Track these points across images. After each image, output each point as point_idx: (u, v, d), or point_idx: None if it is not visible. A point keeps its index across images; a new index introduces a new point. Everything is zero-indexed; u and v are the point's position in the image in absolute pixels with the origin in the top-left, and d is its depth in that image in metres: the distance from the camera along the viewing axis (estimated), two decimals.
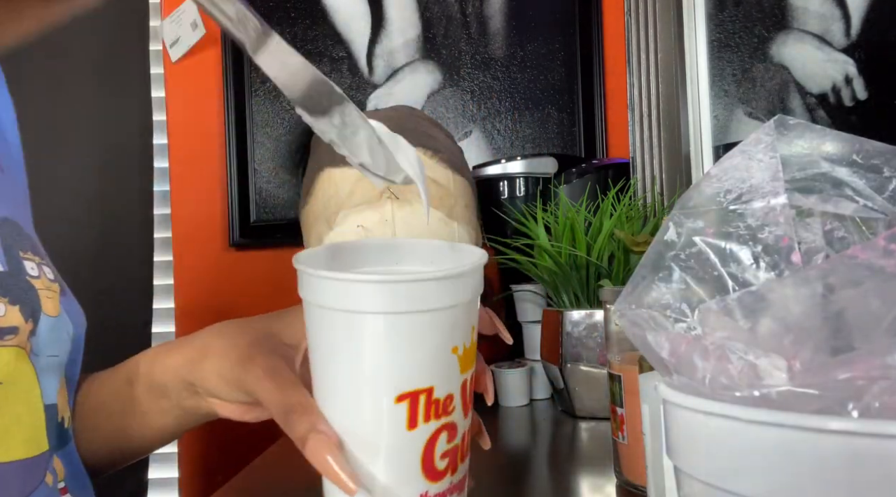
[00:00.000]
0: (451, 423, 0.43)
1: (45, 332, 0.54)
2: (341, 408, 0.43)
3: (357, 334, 0.41)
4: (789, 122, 0.35)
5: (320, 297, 0.42)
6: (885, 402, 0.25)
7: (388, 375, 0.41)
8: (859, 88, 1.28)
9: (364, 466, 0.42)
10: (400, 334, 0.41)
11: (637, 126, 1.34)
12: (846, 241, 0.33)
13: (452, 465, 0.44)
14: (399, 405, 0.41)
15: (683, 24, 1.35)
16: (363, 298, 0.40)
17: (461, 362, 0.43)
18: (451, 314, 0.42)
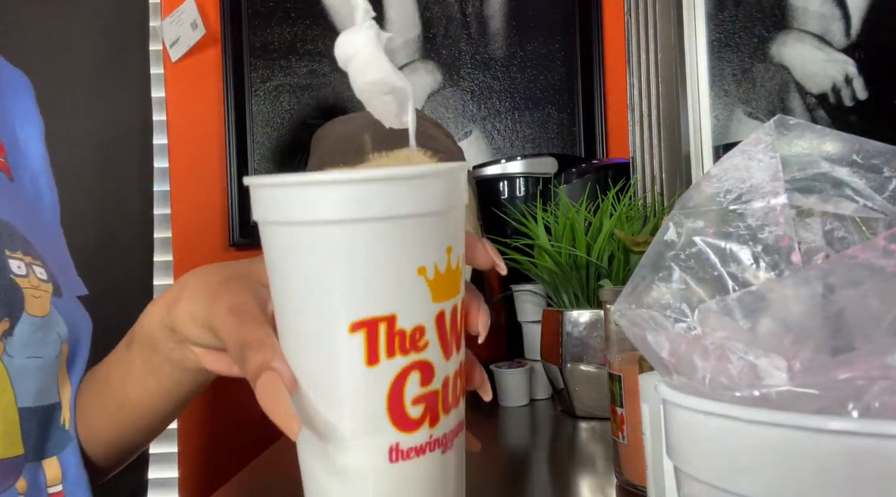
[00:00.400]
0: (424, 361, 0.37)
1: (26, 333, 0.53)
2: (294, 342, 0.37)
3: (303, 250, 0.35)
4: (789, 122, 0.35)
5: (266, 210, 0.36)
6: (885, 402, 0.25)
7: (340, 299, 0.35)
8: (859, 88, 1.28)
9: (322, 411, 0.37)
10: (351, 249, 0.35)
11: (637, 126, 1.34)
12: (846, 241, 0.33)
13: (432, 415, 0.37)
14: (354, 335, 0.35)
15: (683, 24, 1.35)
16: (304, 205, 0.35)
17: (432, 288, 0.36)
18: (416, 225, 0.35)
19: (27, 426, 0.54)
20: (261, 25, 1.62)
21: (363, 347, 0.35)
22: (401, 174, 0.35)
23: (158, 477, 1.54)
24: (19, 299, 0.53)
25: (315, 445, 0.38)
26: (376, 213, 0.34)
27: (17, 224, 0.58)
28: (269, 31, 1.62)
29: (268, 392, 0.36)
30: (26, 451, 0.54)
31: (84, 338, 0.62)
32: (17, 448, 0.53)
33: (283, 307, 0.38)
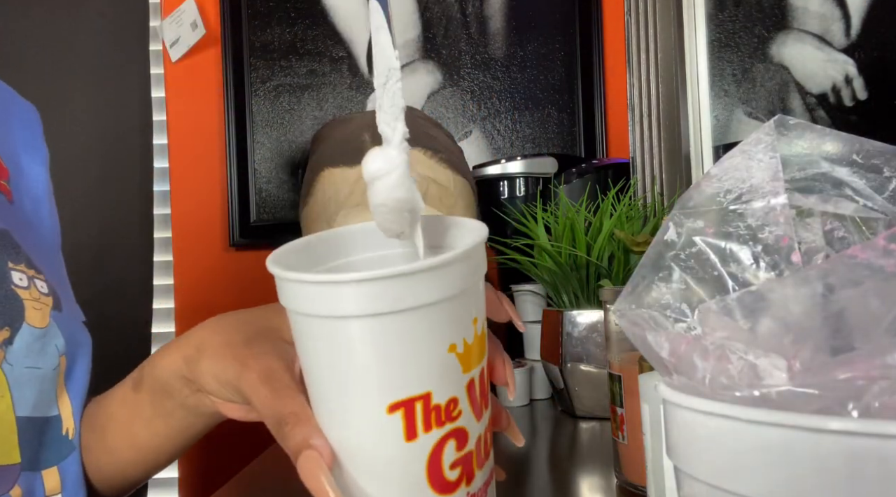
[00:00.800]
0: (459, 428, 0.38)
1: (25, 343, 0.54)
2: (332, 419, 0.39)
3: (338, 341, 0.37)
4: (789, 122, 0.35)
5: (293, 302, 0.38)
6: (885, 402, 0.25)
7: (377, 384, 0.37)
8: (859, 88, 1.28)
9: (362, 485, 0.38)
10: (384, 337, 0.36)
11: (637, 126, 1.34)
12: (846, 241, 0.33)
13: (468, 474, 0.39)
14: (393, 416, 0.37)
15: (683, 24, 1.35)
16: (333, 303, 0.36)
17: (462, 361, 0.38)
18: (444, 309, 0.37)
19: (25, 435, 0.54)
20: (261, 25, 1.62)
21: (401, 426, 0.37)
22: (425, 266, 0.36)
23: (158, 477, 1.54)
24: (20, 310, 0.54)
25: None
26: (405, 305, 0.36)
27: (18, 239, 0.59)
28: (269, 31, 1.62)
29: (309, 470, 0.38)
30: (23, 460, 0.54)
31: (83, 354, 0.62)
32: (13, 456, 0.53)
33: (318, 386, 0.39)
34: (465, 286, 0.38)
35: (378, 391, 0.37)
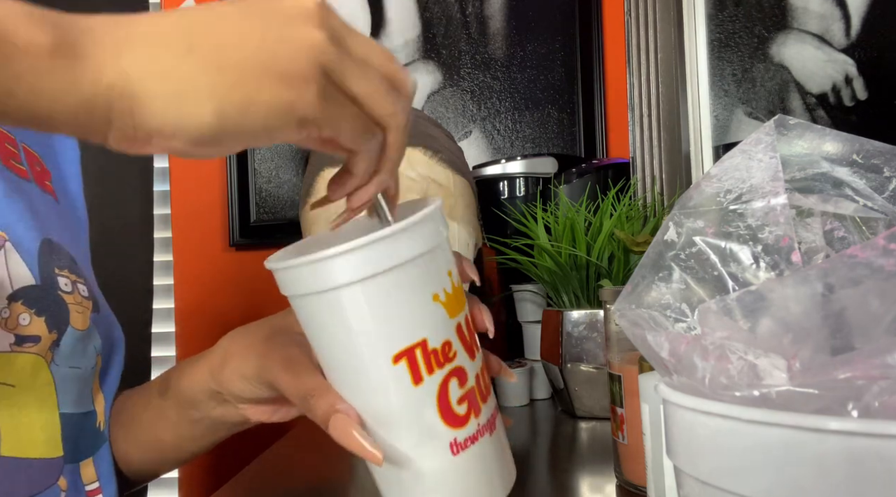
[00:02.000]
0: (458, 367, 0.44)
1: (70, 344, 0.57)
2: (349, 386, 0.44)
3: (337, 309, 0.41)
4: (789, 122, 0.35)
5: (292, 287, 0.43)
6: (885, 402, 0.25)
7: (379, 340, 0.42)
8: (859, 88, 1.28)
9: (388, 435, 0.43)
10: (377, 296, 0.41)
11: (637, 126, 1.34)
12: (846, 240, 0.33)
13: (475, 408, 0.44)
14: (398, 365, 0.42)
15: (683, 24, 1.35)
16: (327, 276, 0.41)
17: (447, 308, 0.43)
18: (421, 264, 0.42)
19: (67, 431, 0.57)
20: None
21: (408, 372, 0.42)
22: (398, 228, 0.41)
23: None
24: (65, 314, 0.57)
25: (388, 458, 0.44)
26: (388, 264, 0.41)
27: (63, 243, 0.61)
28: None
29: (342, 430, 0.42)
30: (65, 454, 0.57)
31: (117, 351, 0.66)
32: (58, 450, 0.56)
33: (330, 357, 0.44)
34: (435, 243, 0.43)
35: (382, 345, 0.42)
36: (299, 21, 0.35)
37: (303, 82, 0.35)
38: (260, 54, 0.34)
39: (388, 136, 0.40)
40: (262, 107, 0.35)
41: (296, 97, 0.35)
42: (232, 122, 0.34)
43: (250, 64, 0.34)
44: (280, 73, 0.35)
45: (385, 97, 0.38)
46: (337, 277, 0.41)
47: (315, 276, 0.41)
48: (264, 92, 0.34)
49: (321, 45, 0.35)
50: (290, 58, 0.35)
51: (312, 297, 0.42)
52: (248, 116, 0.34)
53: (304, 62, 0.35)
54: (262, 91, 0.34)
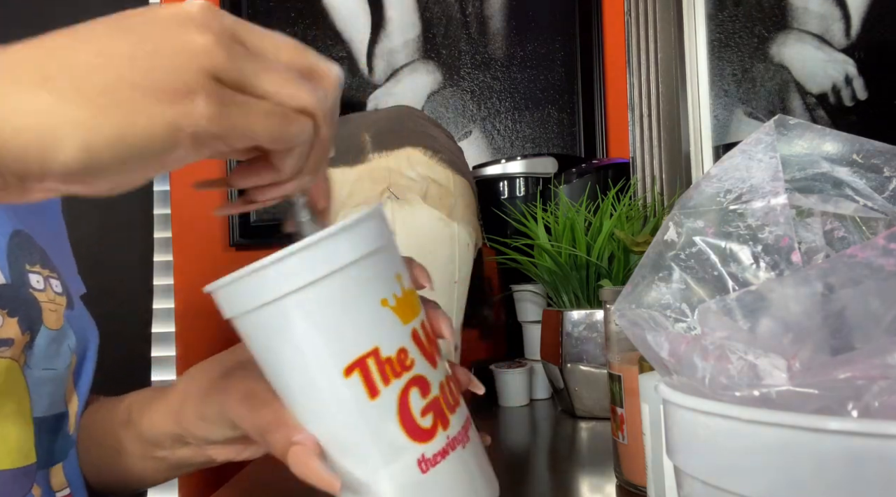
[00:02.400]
0: (418, 376, 0.40)
1: (43, 345, 0.54)
2: (303, 408, 0.41)
3: (278, 324, 0.39)
4: (789, 122, 0.35)
5: (230, 307, 0.40)
6: (884, 402, 0.25)
7: (327, 352, 0.39)
8: (859, 88, 1.28)
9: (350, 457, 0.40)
10: (317, 306, 0.38)
11: (637, 126, 1.34)
12: (846, 240, 0.33)
13: (441, 419, 0.41)
14: (351, 378, 0.39)
15: (683, 24, 1.35)
16: (261, 289, 0.38)
17: (398, 313, 0.40)
18: (365, 267, 0.39)
19: (40, 435, 0.55)
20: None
21: (362, 385, 0.39)
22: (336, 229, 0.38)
23: None
24: (38, 313, 0.54)
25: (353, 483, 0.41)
26: (327, 269, 0.38)
27: (32, 230, 0.59)
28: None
29: (300, 464, 0.39)
30: (38, 459, 0.54)
31: (91, 348, 0.63)
32: (31, 457, 0.54)
33: (278, 379, 0.41)
34: (378, 245, 0.40)
35: (331, 357, 0.39)
36: (178, 28, 0.31)
37: (185, 95, 0.31)
38: (130, 72, 0.30)
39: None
40: (140, 131, 0.30)
41: (179, 114, 0.31)
42: (107, 154, 0.30)
43: (118, 85, 0.30)
44: (156, 89, 0.30)
45: (298, 87, 0.34)
46: (273, 288, 0.38)
47: (251, 291, 0.38)
48: (139, 114, 0.30)
49: (205, 49, 0.31)
50: (167, 70, 0.30)
51: (251, 314, 0.39)
52: (123, 145, 0.30)
53: (184, 72, 0.31)
54: (136, 113, 0.30)
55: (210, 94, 0.31)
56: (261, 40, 0.34)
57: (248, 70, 0.33)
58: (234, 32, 0.33)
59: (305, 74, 0.35)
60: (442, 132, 1.01)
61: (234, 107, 0.32)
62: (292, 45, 0.36)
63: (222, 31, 0.32)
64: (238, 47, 0.33)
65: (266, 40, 0.35)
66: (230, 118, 0.32)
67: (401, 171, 0.90)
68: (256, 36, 0.34)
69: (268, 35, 0.35)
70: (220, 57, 0.32)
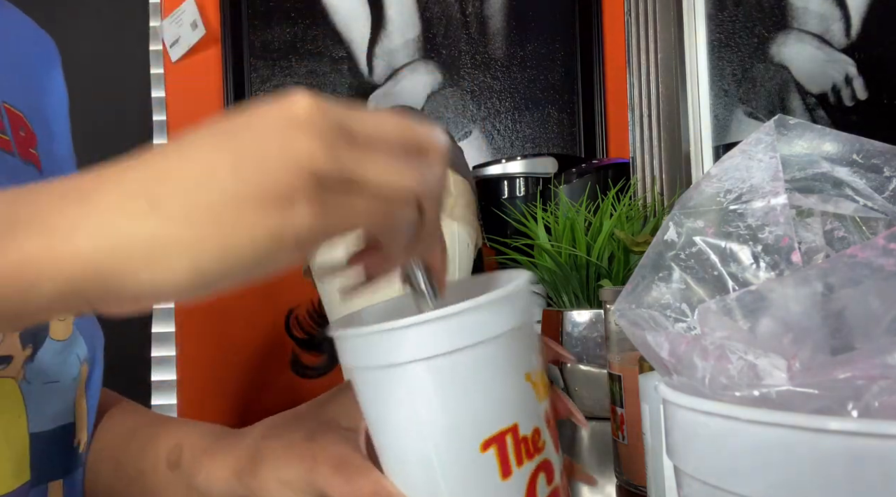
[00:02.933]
0: (546, 461, 0.38)
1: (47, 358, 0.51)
2: (417, 478, 0.38)
3: (412, 387, 0.36)
4: (789, 122, 0.35)
5: (356, 357, 0.37)
6: (884, 402, 0.25)
7: (467, 422, 0.36)
8: (859, 88, 1.28)
9: None
10: (467, 373, 0.36)
11: (637, 126, 1.34)
12: (846, 240, 0.33)
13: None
14: (486, 453, 0.36)
15: (683, 24, 1.35)
16: (411, 345, 0.35)
17: (537, 390, 0.38)
18: (516, 337, 0.38)
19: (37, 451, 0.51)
20: (261, 25, 1.62)
21: (496, 463, 0.36)
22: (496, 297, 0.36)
23: None
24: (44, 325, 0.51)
25: None
26: (481, 337, 0.36)
27: None
28: (269, 31, 1.62)
29: None
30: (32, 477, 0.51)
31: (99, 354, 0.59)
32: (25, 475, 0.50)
33: (396, 445, 0.38)
34: (528, 318, 0.38)
35: (470, 429, 0.36)
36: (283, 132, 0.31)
37: (287, 202, 0.30)
38: (234, 185, 0.30)
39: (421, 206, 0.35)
40: (244, 243, 0.30)
41: (281, 222, 0.30)
42: (213, 270, 0.30)
43: (223, 200, 0.30)
44: (258, 199, 0.30)
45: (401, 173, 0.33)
46: (415, 350, 0.35)
47: (390, 347, 0.36)
48: (242, 227, 0.30)
49: (310, 154, 0.31)
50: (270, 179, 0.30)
51: (395, 367, 0.36)
52: (228, 259, 0.30)
53: (287, 179, 0.30)
54: (240, 226, 0.30)
55: (312, 198, 0.30)
56: (366, 125, 0.33)
57: (351, 164, 0.32)
58: (339, 125, 0.32)
59: (411, 151, 0.34)
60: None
61: (336, 206, 0.31)
62: (397, 125, 0.34)
63: (328, 128, 0.31)
64: (342, 141, 0.32)
65: (371, 124, 0.33)
66: (332, 217, 0.32)
67: None
68: (362, 122, 0.33)
69: (373, 118, 0.34)
70: (324, 159, 0.31)
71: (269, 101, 0.32)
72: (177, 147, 0.31)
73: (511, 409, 0.37)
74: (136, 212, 0.29)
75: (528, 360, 0.38)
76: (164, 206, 0.30)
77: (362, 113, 0.33)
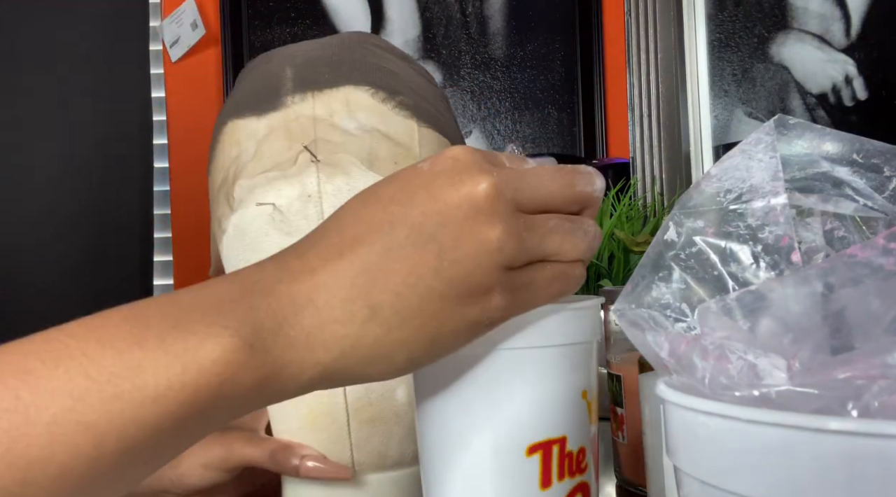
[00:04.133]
0: (585, 483, 0.38)
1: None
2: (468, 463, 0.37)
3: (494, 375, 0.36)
4: (789, 122, 0.35)
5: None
6: (884, 402, 0.25)
7: (519, 422, 0.36)
8: (859, 88, 1.28)
9: None
10: (534, 370, 0.36)
11: (637, 126, 1.34)
12: (846, 240, 0.33)
13: None
14: (531, 458, 0.36)
15: (683, 24, 1.35)
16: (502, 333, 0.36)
17: (590, 411, 0.38)
18: (581, 352, 0.38)
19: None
20: (261, 25, 1.62)
21: (539, 470, 0.36)
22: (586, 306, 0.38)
23: None
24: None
25: None
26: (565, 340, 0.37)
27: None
28: (269, 31, 1.62)
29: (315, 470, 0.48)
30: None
31: None
32: None
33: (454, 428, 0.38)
34: (595, 337, 0.39)
35: (521, 429, 0.36)
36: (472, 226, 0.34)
37: (483, 295, 0.34)
38: (438, 285, 0.34)
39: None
40: (448, 334, 0.35)
41: (479, 311, 0.34)
42: (425, 358, 0.35)
43: (430, 300, 0.34)
44: (459, 295, 0.34)
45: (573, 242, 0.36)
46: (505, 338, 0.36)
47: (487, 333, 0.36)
48: (447, 320, 0.34)
49: (499, 246, 0.34)
50: (468, 276, 0.34)
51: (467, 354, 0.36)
52: (436, 348, 0.35)
53: (482, 275, 0.34)
54: (445, 320, 0.34)
55: (504, 287, 0.35)
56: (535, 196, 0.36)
57: (533, 247, 0.35)
58: (515, 204, 0.35)
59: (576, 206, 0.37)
60: (411, 68, 0.66)
61: (523, 290, 0.35)
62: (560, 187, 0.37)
63: (509, 214, 0.34)
64: (522, 225, 0.35)
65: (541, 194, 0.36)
66: (521, 301, 0.35)
67: (333, 122, 0.58)
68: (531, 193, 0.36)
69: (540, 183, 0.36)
70: (511, 249, 0.34)
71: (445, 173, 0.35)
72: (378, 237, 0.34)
73: (563, 420, 0.37)
74: (359, 319, 0.34)
75: (588, 378, 0.39)
76: (381, 312, 0.34)
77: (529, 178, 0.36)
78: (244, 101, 0.64)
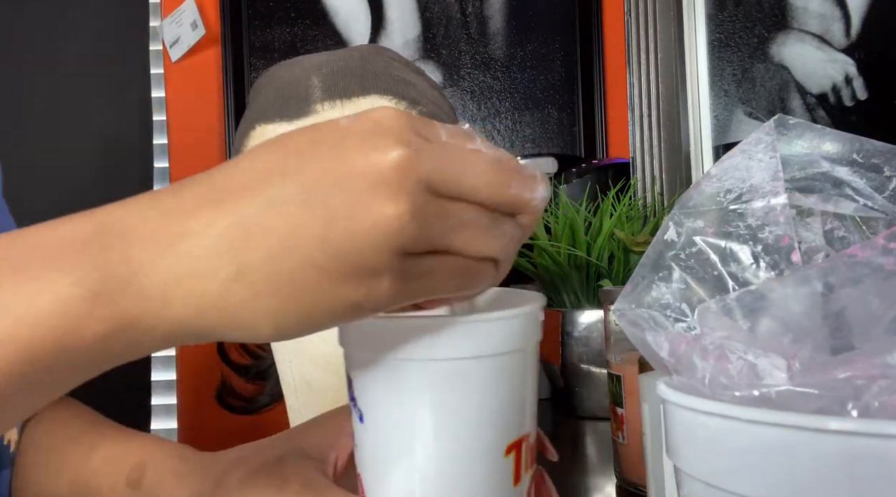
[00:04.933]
0: (539, 471, 0.39)
1: None
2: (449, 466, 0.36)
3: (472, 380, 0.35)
4: (789, 122, 0.35)
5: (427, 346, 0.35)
6: (884, 402, 0.25)
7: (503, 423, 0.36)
8: (859, 88, 1.28)
9: None
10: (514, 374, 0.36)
11: (637, 126, 1.34)
12: (846, 240, 0.33)
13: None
14: (508, 458, 0.36)
15: (683, 24, 1.35)
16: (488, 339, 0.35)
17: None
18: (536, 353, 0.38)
19: None
20: (261, 25, 1.62)
21: (512, 469, 0.36)
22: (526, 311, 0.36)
23: None
24: None
25: None
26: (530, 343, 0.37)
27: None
28: (269, 31, 1.62)
29: None
30: None
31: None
32: None
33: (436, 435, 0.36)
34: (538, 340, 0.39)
35: (502, 431, 0.36)
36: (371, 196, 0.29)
37: (370, 277, 0.30)
38: (320, 256, 0.30)
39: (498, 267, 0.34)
40: (324, 311, 0.31)
41: (362, 294, 0.30)
42: (294, 330, 0.31)
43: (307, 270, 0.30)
44: (342, 272, 0.30)
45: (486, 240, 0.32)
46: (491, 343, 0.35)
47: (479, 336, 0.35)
48: (324, 296, 0.30)
49: (399, 226, 0.29)
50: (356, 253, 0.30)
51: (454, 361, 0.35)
52: (308, 322, 0.31)
53: (373, 255, 0.30)
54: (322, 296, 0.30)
55: (396, 273, 0.30)
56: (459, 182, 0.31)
57: (438, 236, 0.31)
58: (430, 184, 0.30)
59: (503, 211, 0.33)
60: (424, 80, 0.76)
61: (417, 276, 0.31)
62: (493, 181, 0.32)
63: (418, 192, 0.30)
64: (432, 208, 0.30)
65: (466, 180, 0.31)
66: (412, 290, 0.32)
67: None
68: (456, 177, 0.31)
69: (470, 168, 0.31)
70: (411, 232, 0.30)
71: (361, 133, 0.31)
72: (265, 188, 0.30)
73: (532, 417, 0.37)
74: (224, 277, 0.30)
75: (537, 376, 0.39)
76: (249, 274, 0.30)
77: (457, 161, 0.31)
78: (270, 107, 0.70)
